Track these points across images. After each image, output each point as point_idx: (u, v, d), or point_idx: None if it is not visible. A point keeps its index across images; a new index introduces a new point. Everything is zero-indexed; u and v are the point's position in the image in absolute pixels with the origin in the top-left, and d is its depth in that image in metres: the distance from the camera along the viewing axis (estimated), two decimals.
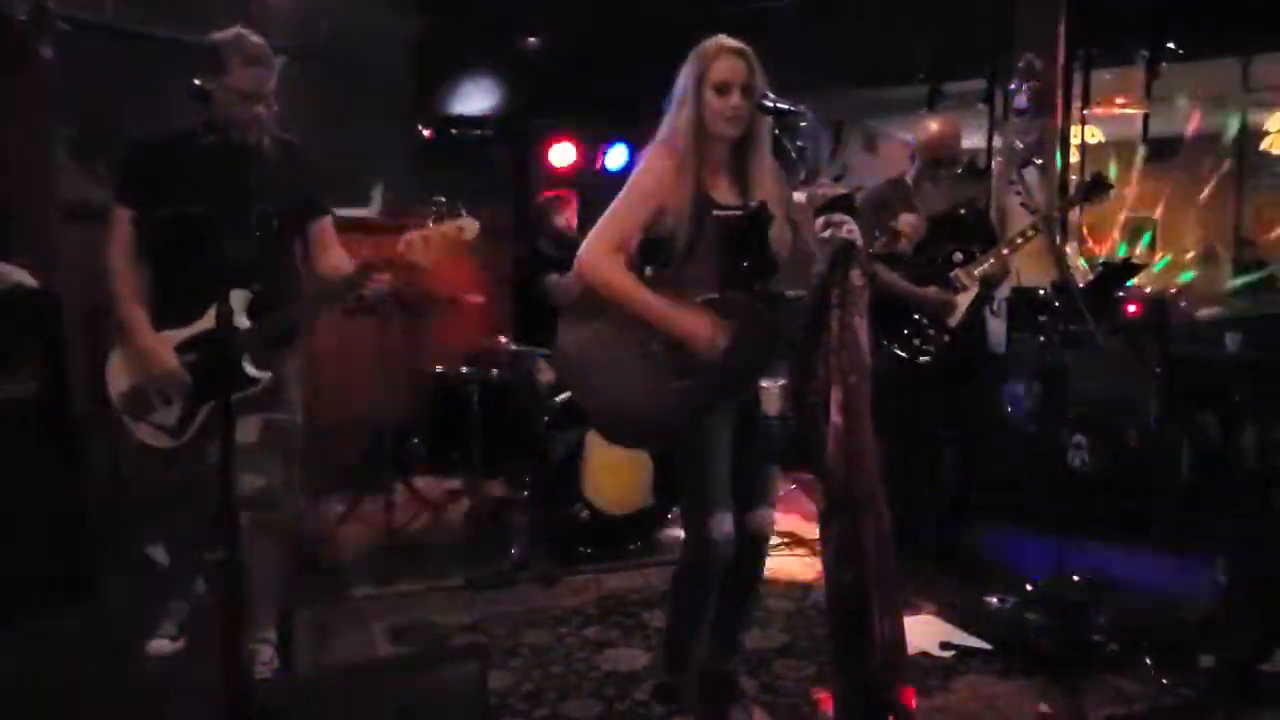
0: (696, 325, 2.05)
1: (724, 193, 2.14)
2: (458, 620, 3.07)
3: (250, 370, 2.47)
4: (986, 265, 3.30)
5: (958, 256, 3.32)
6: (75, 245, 3.37)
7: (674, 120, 2.11)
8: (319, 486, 4.61)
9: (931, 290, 3.32)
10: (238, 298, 2.44)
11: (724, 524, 2.12)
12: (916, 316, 3.34)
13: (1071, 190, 3.37)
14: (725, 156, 2.14)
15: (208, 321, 2.44)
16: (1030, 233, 3.21)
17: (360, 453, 4.87)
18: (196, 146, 2.38)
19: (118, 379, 2.51)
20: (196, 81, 2.16)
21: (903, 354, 3.31)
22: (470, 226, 2.39)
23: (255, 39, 2.42)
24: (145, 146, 2.53)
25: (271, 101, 2.45)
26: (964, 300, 3.32)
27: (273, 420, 2.52)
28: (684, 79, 2.10)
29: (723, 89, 2.04)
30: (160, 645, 2.70)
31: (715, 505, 2.12)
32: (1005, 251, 3.29)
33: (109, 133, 3.63)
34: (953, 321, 3.31)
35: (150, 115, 2.51)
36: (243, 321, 2.44)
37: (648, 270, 2.15)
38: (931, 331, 3.31)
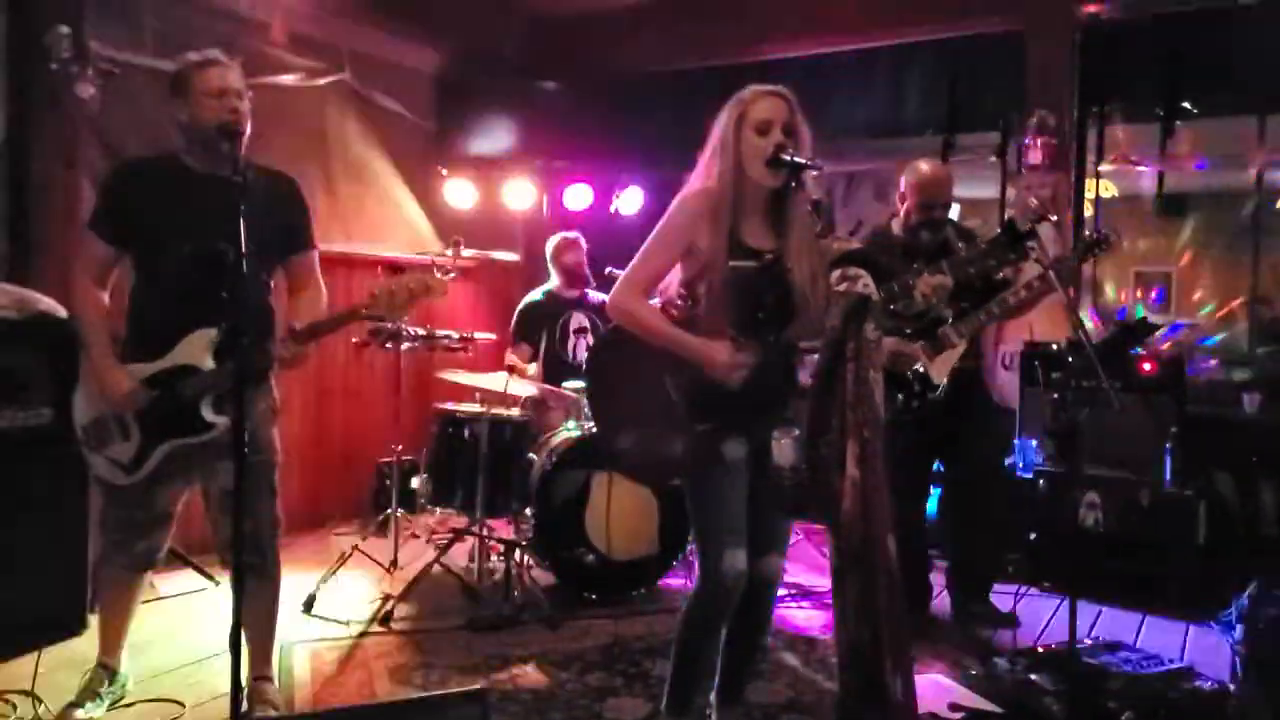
0: (716, 351, 2.07)
1: (758, 238, 2.15)
2: (458, 662, 3.03)
3: (208, 415, 2.39)
4: (977, 325, 3.21)
5: (947, 314, 3.21)
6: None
7: (711, 165, 2.13)
8: (323, 520, 4.62)
9: (910, 351, 3.17)
10: (203, 337, 2.37)
11: (738, 561, 2.11)
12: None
13: (1075, 246, 3.27)
14: (760, 204, 2.15)
15: (174, 359, 2.38)
16: (1023, 293, 3.14)
17: (366, 488, 4.87)
18: (174, 173, 2.37)
19: (83, 409, 2.46)
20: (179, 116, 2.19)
21: (893, 410, 3.22)
22: (437, 284, 2.36)
23: (209, 50, 2.38)
24: (123, 171, 2.49)
25: (243, 104, 2.34)
26: (952, 357, 3.21)
27: (249, 463, 2.46)
28: (721, 125, 2.12)
29: (764, 129, 2.06)
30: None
31: (730, 542, 2.11)
32: (997, 311, 3.19)
33: None
34: (939, 380, 3.20)
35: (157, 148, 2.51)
36: (206, 362, 2.38)
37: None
38: (917, 387, 3.23)
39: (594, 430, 3.18)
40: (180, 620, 3.35)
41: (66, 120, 3.61)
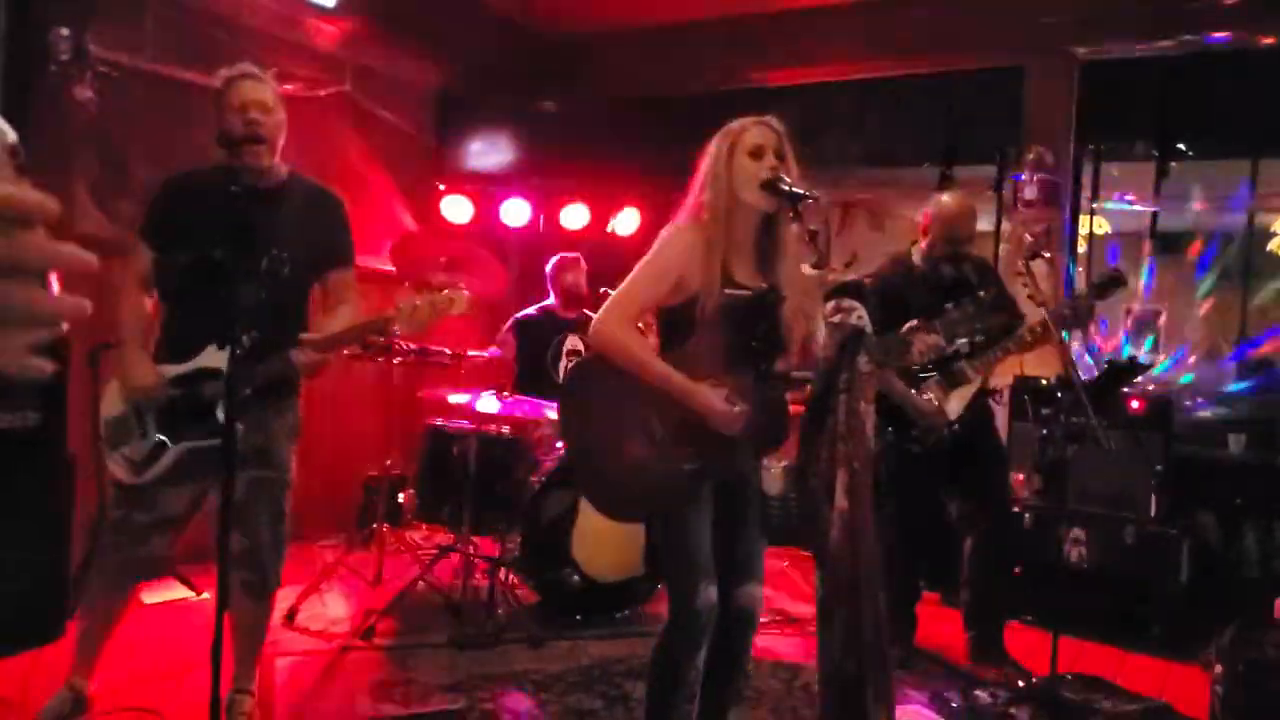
0: (715, 401, 2.04)
1: (745, 271, 2.15)
2: (440, 680, 3.01)
3: (222, 418, 2.37)
4: (992, 361, 3.21)
5: (965, 347, 3.19)
6: (83, 281, 3.38)
7: (702, 195, 2.12)
8: (308, 533, 4.59)
9: (926, 404, 3.20)
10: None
11: (711, 595, 2.10)
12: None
13: (1085, 285, 3.26)
14: (750, 234, 2.15)
15: (203, 361, 2.41)
16: (1039, 330, 3.14)
17: (353, 501, 4.85)
18: (216, 186, 2.38)
19: (110, 405, 2.48)
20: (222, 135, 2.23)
21: (904, 444, 3.24)
22: (460, 299, 2.38)
23: (241, 64, 2.45)
24: (170, 184, 2.55)
25: (269, 117, 2.40)
26: (968, 392, 3.23)
27: (260, 479, 2.47)
28: (712, 156, 2.12)
29: (758, 153, 2.08)
30: None
31: (702, 575, 2.10)
32: (1012, 347, 3.20)
33: (134, 174, 3.72)
34: (953, 415, 3.22)
35: (181, 159, 2.55)
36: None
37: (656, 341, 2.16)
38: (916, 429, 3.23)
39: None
40: (163, 629, 3.32)
41: (64, 123, 3.61)
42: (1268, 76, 4.43)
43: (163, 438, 2.42)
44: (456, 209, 5.37)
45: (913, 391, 3.21)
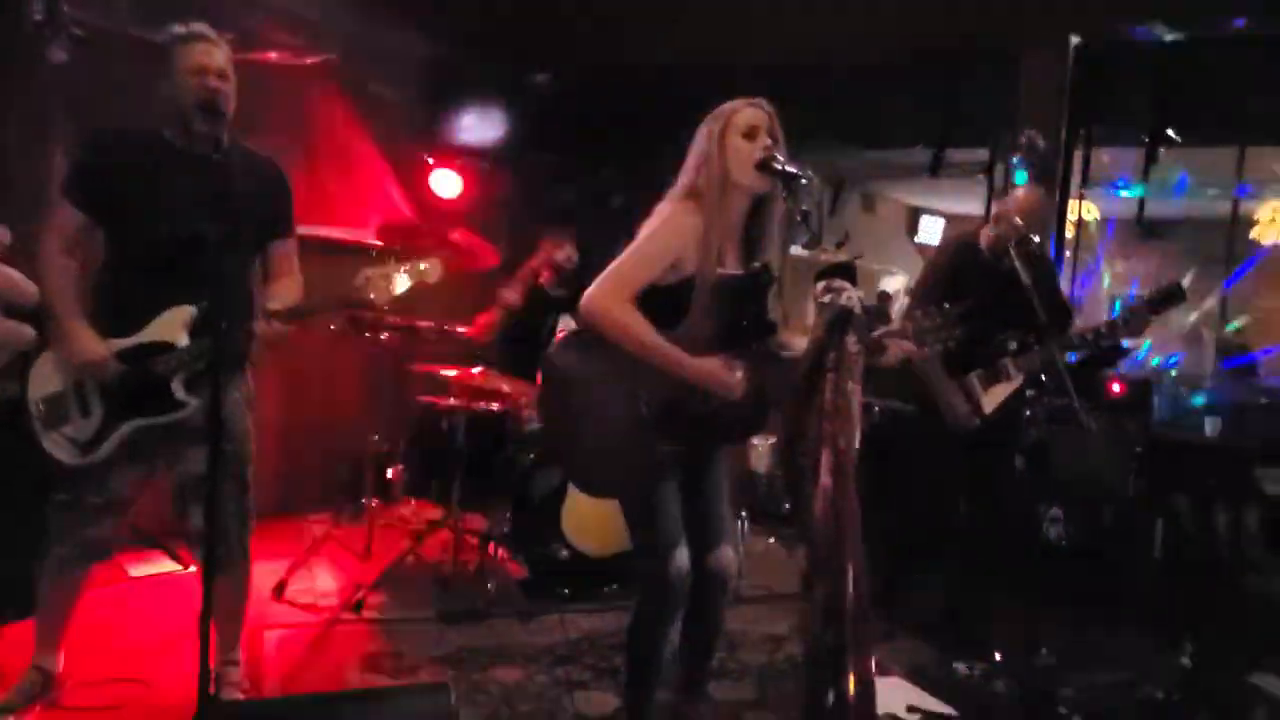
0: (716, 369, 2.07)
1: (733, 253, 2.17)
2: (428, 652, 3.05)
3: (179, 394, 2.32)
4: (1037, 364, 3.14)
5: (1012, 345, 3.17)
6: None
7: (696, 176, 2.12)
8: (298, 507, 4.60)
9: (960, 406, 3.20)
10: (180, 314, 2.31)
11: (685, 561, 2.16)
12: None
13: (1150, 298, 3.18)
14: (741, 216, 2.16)
15: (152, 335, 2.31)
16: (1090, 337, 3.10)
17: (342, 476, 4.86)
18: (155, 148, 2.32)
19: (43, 381, 2.34)
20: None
21: (932, 422, 3.24)
22: (434, 267, 2.35)
23: (196, 24, 2.32)
24: (101, 140, 2.38)
25: (225, 84, 2.28)
26: (1003, 392, 3.19)
27: (220, 452, 2.44)
28: (704, 137, 2.13)
29: (751, 134, 2.09)
30: None
31: (674, 544, 2.15)
32: (1059, 353, 3.08)
33: None
34: (987, 409, 3.21)
35: (158, 123, 2.41)
36: (182, 339, 2.31)
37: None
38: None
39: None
40: (149, 603, 3.34)
41: (39, 86, 3.54)
42: (1256, 64, 4.45)
43: (109, 416, 2.31)
44: (446, 183, 5.34)
45: (948, 389, 3.20)
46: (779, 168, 2.03)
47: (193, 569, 3.61)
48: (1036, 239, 3.19)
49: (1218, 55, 4.59)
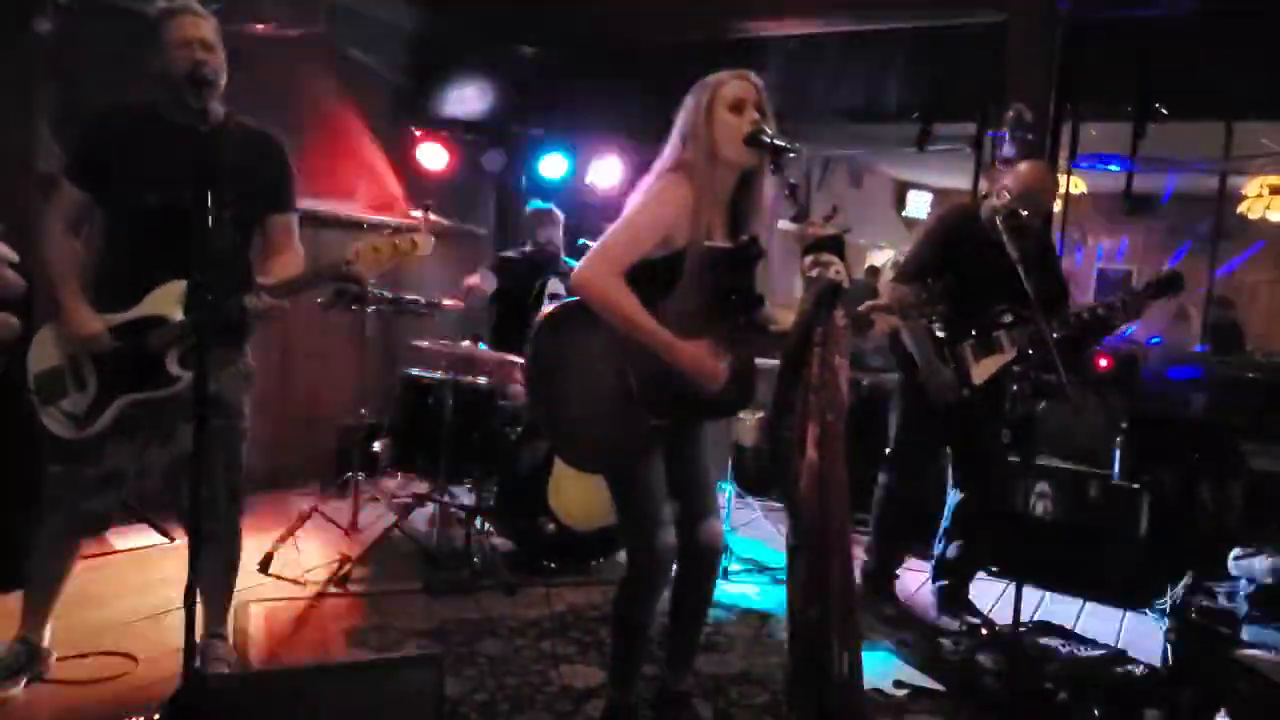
0: (701, 357, 2.04)
1: (720, 226, 2.14)
2: (415, 625, 3.05)
3: (173, 368, 2.32)
4: (1030, 338, 3.09)
5: (1006, 317, 3.15)
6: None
7: (683, 149, 2.09)
8: (284, 480, 4.59)
9: (945, 379, 3.18)
10: (174, 289, 2.32)
11: (670, 536, 2.17)
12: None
13: (1149, 285, 3.12)
14: (727, 190, 2.14)
15: (147, 309, 2.32)
16: (1085, 315, 3.11)
17: (328, 449, 4.85)
18: (148, 122, 2.32)
19: (41, 357, 2.37)
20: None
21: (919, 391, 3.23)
22: (424, 241, 2.34)
23: None
24: (100, 120, 2.39)
25: (213, 55, 2.27)
26: (994, 364, 3.18)
27: (214, 427, 2.34)
28: (691, 109, 2.10)
29: (738, 107, 2.05)
30: None
31: (660, 520, 2.16)
32: (1057, 329, 3.04)
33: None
34: (977, 380, 3.19)
35: (145, 96, 2.41)
36: (176, 314, 2.32)
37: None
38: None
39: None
40: (135, 575, 3.33)
41: (24, 58, 3.49)
42: (1244, 40, 4.43)
43: (104, 390, 2.33)
44: (432, 156, 5.29)
45: (934, 359, 3.19)
46: (767, 141, 2.01)
47: (179, 541, 3.60)
48: (1030, 213, 3.11)
49: (1205, 29, 4.57)
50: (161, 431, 2.42)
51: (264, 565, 3.46)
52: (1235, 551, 3.31)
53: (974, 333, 3.20)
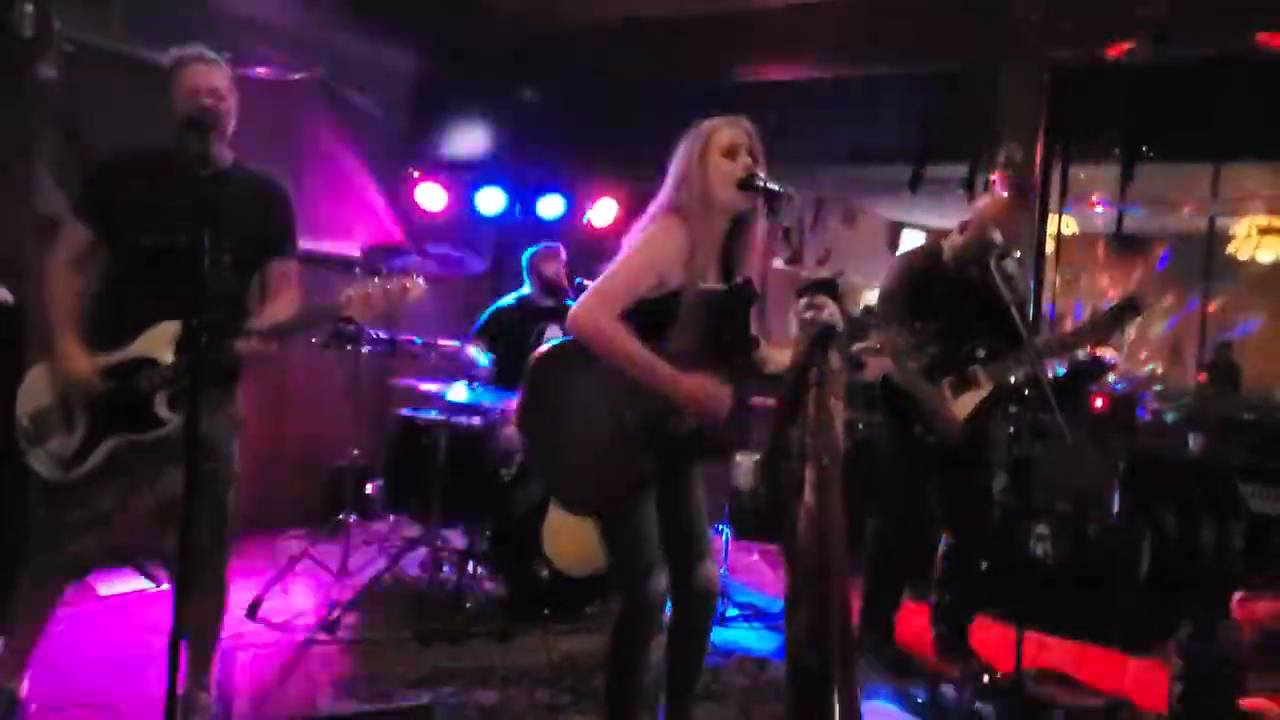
0: (704, 390, 2.04)
1: (713, 269, 2.15)
2: (405, 674, 2.99)
3: (161, 411, 2.30)
4: (1005, 372, 3.10)
5: (980, 352, 3.14)
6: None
7: (678, 193, 2.11)
8: (274, 523, 4.53)
9: (944, 415, 3.14)
10: (166, 330, 2.31)
11: (661, 582, 2.14)
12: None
13: (1109, 311, 3.08)
14: (720, 233, 2.15)
15: (138, 350, 2.31)
16: (1055, 344, 3.12)
17: (320, 491, 4.80)
18: (157, 165, 2.34)
19: (32, 396, 2.35)
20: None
21: (910, 434, 3.19)
22: (415, 288, 2.35)
23: (194, 47, 2.37)
24: (112, 160, 2.43)
25: (227, 104, 2.34)
26: (972, 400, 3.14)
27: (201, 471, 2.36)
28: (685, 155, 2.12)
29: (732, 152, 2.08)
30: None
31: (654, 565, 2.13)
32: (1026, 359, 3.03)
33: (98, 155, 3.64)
34: (959, 418, 3.16)
35: (147, 141, 2.44)
36: (167, 356, 2.31)
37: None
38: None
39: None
40: (118, 622, 3.26)
41: (27, 102, 3.52)
42: (1231, 85, 4.50)
43: (93, 432, 2.31)
44: (430, 197, 5.31)
45: (933, 397, 3.14)
46: (760, 185, 2.04)
47: (165, 587, 3.54)
48: (1001, 248, 3.06)
49: (1192, 75, 4.64)
50: (148, 475, 2.38)
51: (251, 611, 3.40)
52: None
53: (949, 371, 3.18)
